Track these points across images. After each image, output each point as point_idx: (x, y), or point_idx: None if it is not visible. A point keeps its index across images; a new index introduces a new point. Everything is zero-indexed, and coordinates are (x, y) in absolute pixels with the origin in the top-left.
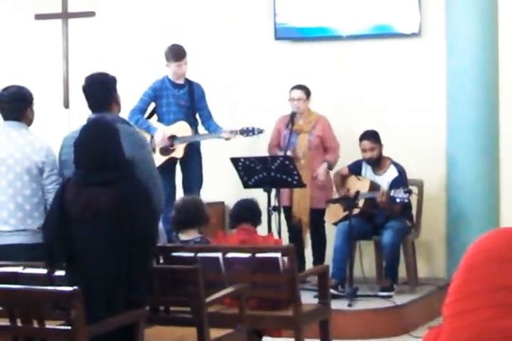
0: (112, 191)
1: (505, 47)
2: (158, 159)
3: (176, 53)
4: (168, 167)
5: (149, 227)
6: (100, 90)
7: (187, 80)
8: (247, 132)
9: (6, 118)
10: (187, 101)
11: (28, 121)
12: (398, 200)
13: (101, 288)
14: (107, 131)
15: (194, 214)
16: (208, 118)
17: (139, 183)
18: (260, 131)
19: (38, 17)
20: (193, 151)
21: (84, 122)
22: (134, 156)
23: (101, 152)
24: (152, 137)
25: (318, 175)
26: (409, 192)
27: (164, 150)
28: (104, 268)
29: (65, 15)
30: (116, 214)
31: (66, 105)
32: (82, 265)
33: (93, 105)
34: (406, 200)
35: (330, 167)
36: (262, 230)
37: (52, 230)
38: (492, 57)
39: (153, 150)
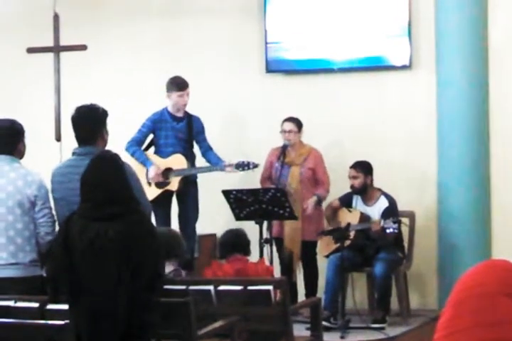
0: (119, 226)
1: (496, 79)
2: (154, 191)
3: (179, 83)
4: (163, 199)
5: (155, 262)
6: (88, 124)
7: (186, 113)
8: (242, 166)
9: None
10: (185, 134)
11: (20, 155)
12: (388, 231)
13: (105, 322)
14: (116, 166)
15: (170, 247)
16: (207, 150)
17: (145, 218)
18: (256, 166)
19: (30, 50)
20: (189, 184)
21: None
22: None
23: (111, 187)
24: (148, 171)
25: (308, 208)
26: (399, 222)
27: (160, 183)
28: (109, 303)
29: (56, 49)
30: (122, 249)
31: (58, 138)
32: (87, 299)
33: (79, 137)
34: (396, 230)
35: (320, 201)
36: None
37: (57, 264)
38: (482, 89)
39: (149, 183)
